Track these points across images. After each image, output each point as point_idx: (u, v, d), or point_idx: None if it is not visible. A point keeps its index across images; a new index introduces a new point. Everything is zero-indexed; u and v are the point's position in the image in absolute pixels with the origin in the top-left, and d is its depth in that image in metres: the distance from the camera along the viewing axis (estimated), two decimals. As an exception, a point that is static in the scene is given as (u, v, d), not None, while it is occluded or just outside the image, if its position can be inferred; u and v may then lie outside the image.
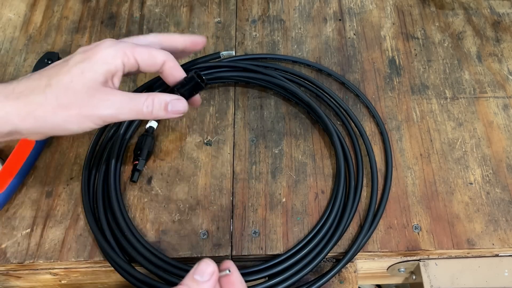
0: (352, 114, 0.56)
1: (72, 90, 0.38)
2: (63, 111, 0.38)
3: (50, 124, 0.38)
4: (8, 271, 0.50)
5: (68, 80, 0.38)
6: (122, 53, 0.40)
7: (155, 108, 0.41)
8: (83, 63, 0.39)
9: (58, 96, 0.38)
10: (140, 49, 0.41)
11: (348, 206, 0.49)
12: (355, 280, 0.49)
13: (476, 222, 0.50)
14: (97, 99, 0.39)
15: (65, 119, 0.38)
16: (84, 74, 0.38)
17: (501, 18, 0.66)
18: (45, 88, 0.38)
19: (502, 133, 0.56)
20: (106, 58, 0.39)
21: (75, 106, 0.38)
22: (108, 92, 0.39)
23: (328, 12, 0.67)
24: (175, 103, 0.42)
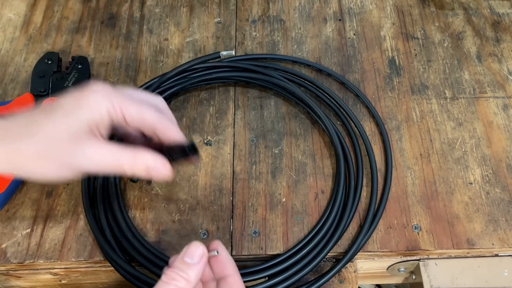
0: (352, 114, 0.56)
1: (55, 141, 0.36)
2: (42, 160, 0.37)
3: (26, 171, 0.38)
4: (8, 271, 0.50)
5: (52, 130, 0.36)
6: (109, 103, 0.37)
7: (137, 168, 0.39)
8: (70, 110, 0.37)
9: (39, 144, 0.36)
10: (129, 104, 0.38)
11: (348, 206, 0.50)
12: (355, 280, 0.49)
13: (476, 222, 0.50)
14: (79, 150, 0.37)
15: (43, 168, 0.37)
16: (68, 123, 0.37)
17: (501, 18, 0.66)
18: (26, 135, 0.36)
19: (502, 133, 0.56)
20: (92, 105, 0.37)
21: (55, 156, 0.37)
22: (91, 143, 0.37)
23: (328, 12, 0.67)
24: (158, 169, 0.40)
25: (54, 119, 0.37)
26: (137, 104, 0.39)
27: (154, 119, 0.39)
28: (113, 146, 0.38)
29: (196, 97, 0.59)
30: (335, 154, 0.53)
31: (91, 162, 0.37)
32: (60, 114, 0.37)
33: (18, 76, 0.61)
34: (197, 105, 0.58)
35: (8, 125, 0.37)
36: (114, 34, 0.65)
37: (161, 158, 0.40)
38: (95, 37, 0.65)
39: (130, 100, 0.39)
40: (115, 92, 0.38)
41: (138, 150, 0.39)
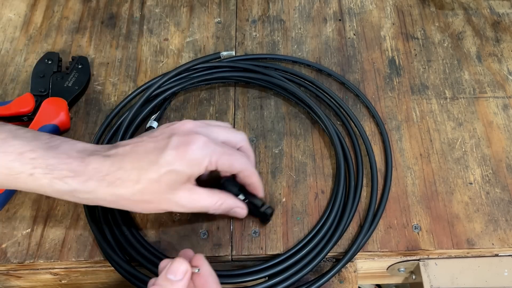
0: (352, 114, 0.56)
1: (157, 190, 0.40)
2: (143, 205, 0.41)
3: (126, 208, 0.42)
4: (8, 271, 0.50)
5: (155, 177, 0.40)
6: (209, 160, 0.41)
7: (220, 210, 0.44)
8: (173, 164, 0.40)
9: (144, 194, 0.40)
10: (225, 158, 0.42)
11: (348, 206, 0.50)
12: (355, 280, 0.49)
13: (476, 222, 0.50)
14: (175, 198, 0.41)
15: (143, 209, 0.42)
16: (171, 175, 0.40)
17: (501, 18, 0.66)
18: (134, 185, 0.40)
19: (502, 133, 0.56)
20: (195, 162, 0.41)
21: (155, 202, 0.41)
22: (186, 190, 0.42)
23: (328, 12, 0.67)
24: (237, 211, 0.46)
25: (159, 172, 0.40)
26: (231, 156, 0.43)
27: (241, 169, 0.44)
28: (203, 193, 0.43)
29: (196, 97, 0.59)
30: (335, 154, 0.53)
31: (184, 208, 0.42)
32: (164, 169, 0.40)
33: (18, 76, 0.61)
34: (197, 105, 0.58)
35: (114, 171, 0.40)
36: (114, 34, 0.65)
37: (240, 203, 0.46)
38: (95, 37, 0.65)
39: (226, 155, 0.42)
40: (215, 147, 0.42)
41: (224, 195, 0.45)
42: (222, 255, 0.48)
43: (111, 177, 0.40)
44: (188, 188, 0.42)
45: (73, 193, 0.40)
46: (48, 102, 0.55)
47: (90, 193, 0.40)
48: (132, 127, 0.55)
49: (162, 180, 0.40)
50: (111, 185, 0.40)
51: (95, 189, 0.39)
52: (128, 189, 0.40)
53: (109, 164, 0.40)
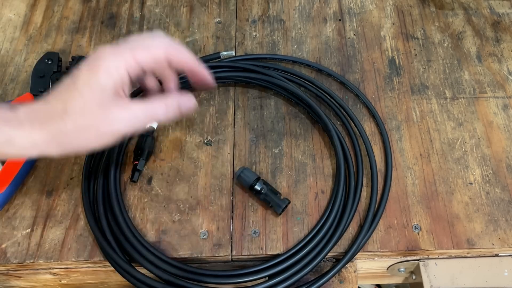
0: (352, 114, 0.56)
1: (87, 112, 0.39)
2: (83, 134, 0.39)
3: (73, 147, 0.40)
4: (8, 271, 0.50)
5: (81, 103, 0.39)
6: (123, 61, 0.40)
7: (170, 112, 0.43)
8: (90, 81, 0.39)
9: (76, 121, 0.39)
10: (141, 52, 0.40)
11: (348, 206, 0.50)
12: (355, 280, 0.49)
13: (476, 222, 0.50)
14: (113, 115, 0.40)
15: (86, 140, 0.40)
16: (94, 93, 0.39)
17: (501, 18, 0.66)
18: (63, 115, 0.39)
19: (502, 133, 0.56)
20: (110, 71, 0.39)
21: (93, 127, 0.39)
22: (121, 105, 0.40)
23: (328, 12, 0.67)
24: (185, 103, 0.44)
25: (81, 95, 0.39)
26: (143, 47, 0.41)
27: (165, 52, 0.42)
28: (141, 102, 0.41)
29: (196, 97, 0.59)
30: (335, 154, 0.53)
31: (128, 123, 0.40)
32: (84, 90, 0.39)
33: (18, 76, 0.61)
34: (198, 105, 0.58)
35: (41, 111, 0.39)
36: (114, 34, 0.65)
37: (185, 93, 0.44)
38: (95, 37, 0.65)
39: (138, 48, 0.40)
40: (123, 48, 0.40)
41: (165, 96, 0.44)
42: (222, 255, 0.48)
43: (41, 115, 0.39)
44: (122, 106, 0.40)
45: (11, 142, 0.38)
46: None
47: (27, 137, 0.39)
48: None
49: (87, 101, 0.39)
50: (43, 123, 0.39)
51: (30, 132, 0.39)
52: (59, 122, 0.39)
53: (37, 106, 0.40)
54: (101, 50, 0.40)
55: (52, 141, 0.39)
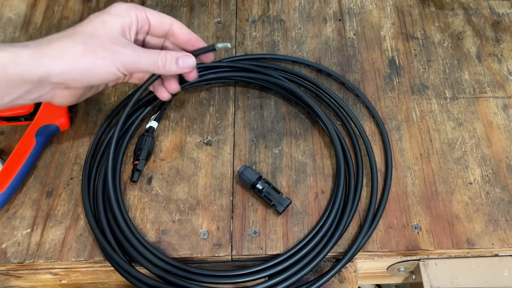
0: (352, 114, 0.56)
1: (96, 37, 0.42)
2: (91, 54, 0.41)
3: (79, 67, 0.41)
4: (8, 271, 0.50)
5: (91, 29, 0.42)
6: (134, 8, 0.45)
7: (168, 62, 0.45)
8: (102, 16, 0.43)
9: (85, 41, 0.41)
10: (150, 10, 0.46)
11: (348, 206, 0.50)
12: (355, 280, 0.49)
13: (475, 222, 0.50)
14: (119, 47, 0.42)
15: (93, 62, 0.41)
16: (105, 24, 0.42)
17: (501, 18, 0.66)
18: (73, 35, 0.41)
19: (502, 133, 0.56)
20: (121, 12, 0.44)
21: (100, 50, 0.42)
22: (126, 42, 0.43)
23: (328, 12, 0.67)
24: (185, 59, 0.47)
25: (91, 23, 0.42)
26: (156, 12, 0.47)
27: (172, 20, 0.47)
28: (144, 49, 0.45)
29: (196, 97, 0.59)
30: (335, 154, 0.53)
31: (131, 56, 0.43)
32: (95, 20, 0.43)
33: (18, 76, 0.61)
34: (197, 105, 0.58)
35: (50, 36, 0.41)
36: (114, 34, 0.65)
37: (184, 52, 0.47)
38: (95, 37, 0.65)
39: (149, 10, 0.46)
40: (136, 4, 0.46)
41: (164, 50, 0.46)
42: (222, 255, 0.48)
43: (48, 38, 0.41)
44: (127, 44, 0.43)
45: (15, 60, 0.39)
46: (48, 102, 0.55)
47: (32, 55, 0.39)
48: (132, 127, 0.55)
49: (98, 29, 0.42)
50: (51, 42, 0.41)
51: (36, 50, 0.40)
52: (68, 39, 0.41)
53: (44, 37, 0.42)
54: (117, 2, 0.45)
55: (58, 58, 0.40)
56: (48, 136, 0.54)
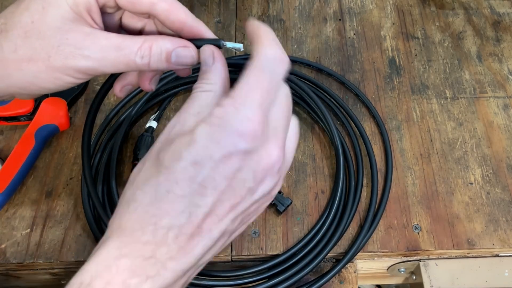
0: (352, 114, 0.55)
1: (33, 35, 0.29)
2: (27, 65, 0.29)
3: (17, 82, 0.30)
4: (7, 271, 0.50)
5: (26, 20, 0.29)
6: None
7: (153, 58, 0.31)
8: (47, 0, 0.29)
9: (18, 46, 0.29)
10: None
11: (348, 206, 0.49)
12: (355, 280, 0.49)
13: (476, 222, 0.50)
14: (69, 46, 0.29)
15: (34, 75, 0.30)
16: (45, 11, 0.29)
17: (501, 18, 0.66)
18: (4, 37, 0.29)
19: (502, 133, 0.56)
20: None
21: (41, 57, 0.29)
22: (84, 33, 0.30)
23: (328, 12, 0.67)
24: (180, 52, 0.32)
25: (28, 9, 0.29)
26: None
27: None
28: (117, 35, 0.30)
29: (196, 97, 0.59)
30: (335, 154, 0.53)
31: (90, 60, 0.30)
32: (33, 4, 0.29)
33: (18, 76, 0.61)
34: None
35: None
36: (114, 34, 0.65)
37: (180, 40, 0.32)
38: (94, 37, 0.65)
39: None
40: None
41: (151, 36, 0.31)
42: (222, 255, 0.48)
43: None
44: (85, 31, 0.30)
45: None
46: (48, 102, 0.55)
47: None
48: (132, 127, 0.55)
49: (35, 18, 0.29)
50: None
51: None
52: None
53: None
54: None
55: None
56: (48, 136, 0.54)
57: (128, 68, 0.31)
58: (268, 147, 0.27)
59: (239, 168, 0.26)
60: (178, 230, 0.25)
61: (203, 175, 0.25)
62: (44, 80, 0.30)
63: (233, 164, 0.26)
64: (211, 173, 0.26)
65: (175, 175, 0.26)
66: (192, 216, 0.26)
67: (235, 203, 0.27)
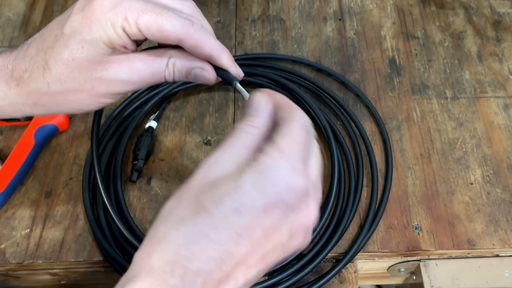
0: (352, 114, 0.55)
1: (76, 71, 0.32)
2: (73, 95, 0.33)
3: (64, 108, 0.34)
4: (7, 272, 0.50)
5: (67, 57, 0.32)
6: (123, 17, 0.31)
7: (176, 74, 0.34)
8: (82, 34, 0.32)
9: (62, 81, 0.32)
10: (148, 16, 0.31)
11: (348, 206, 0.49)
12: (355, 281, 0.48)
13: (476, 222, 0.50)
14: (109, 75, 0.33)
15: (79, 102, 0.34)
16: (85, 49, 0.32)
17: (502, 18, 0.65)
18: (45, 73, 0.32)
19: (503, 133, 0.55)
20: (105, 27, 0.31)
21: (85, 88, 0.33)
22: (121, 60, 0.33)
23: (328, 12, 0.66)
24: (197, 72, 0.35)
25: (67, 46, 0.32)
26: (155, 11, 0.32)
27: (177, 30, 0.32)
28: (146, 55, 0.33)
29: (196, 97, 0.59)
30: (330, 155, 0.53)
31: (129, 85, 0.34)
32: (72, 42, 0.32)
33: (17, 76, 0.61)
34: (197, 105, 0.58)
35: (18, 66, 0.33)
36: (114, 33, 0.65)
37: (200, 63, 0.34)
38: (94, 37, 0.65)
39: (149, 12, 0.31)
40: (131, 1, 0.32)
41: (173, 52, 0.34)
42: (221, 255, 0.48)
43: (17, 72, 0.33)
44: (121, 59, 0.33)
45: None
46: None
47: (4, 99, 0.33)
48: (132, 127, 0.55)
49: (76, 56, 0.32)
50: (20, 82, 0.33)
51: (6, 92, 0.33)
52: (39, 80, 0.32)
53: (13, 57, 0.33)
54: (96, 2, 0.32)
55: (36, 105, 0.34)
56: (47, 136, 0.54)
57: (158, 82, 0.35)
58: (309, 203, 0.27)
59: (279, 221, 0.26)
60: (207, 276, 0.25)
61: (242, 224, 0.25)
62: (89, 105, 0.34)
63: (274, 216, 0.26)
64: (251, 223, 0.26)
65: (214, 220, 0.25)
66: (223, 263, 0.25)
67: (265, 254, 0.27)
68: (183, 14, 0.33)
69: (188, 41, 0.33)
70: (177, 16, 0.32)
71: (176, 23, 0.32)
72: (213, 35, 0.35)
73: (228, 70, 0.35)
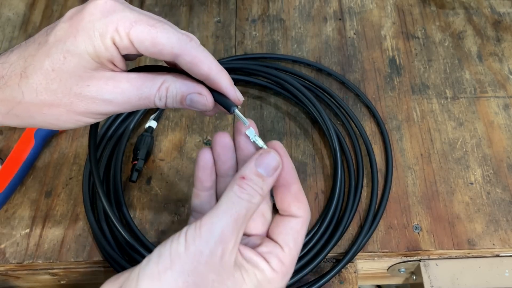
0: (352, 114, 0.55)
1: (55, 83, 0.29)
2: (49, 109, 0.30)
3: (39, 122, 0.31)
4: (7, 272, 0.50)
5: (47, 67, 0.29)
6: (114, 27, 0.29)
7: (169, 100, 0.32)
8: (65, 43, 0.29)
9: (38, 92, 0.29)
10: (142, 28, 0.29)
11: (348, 206, 0.49)
12: (355, 281, 0.48)
13: (476, 222, 0.50)
14: (91, 92, 0.30)
15: (55, 117, 0.31)
16: (67, 60, 0.29)
17: (502, 18, 0.65)
18: (21, 81, 0.29)
19: (503, 133, 0.55)
20: (92, 37, 0.29)
21: (62, 103, 0.30)
22: (106, 78, 0.30)
23: (328, 12, 0.66)
24: (194, 98, 0.32)
25: (49, 56, 0.29)
26: (149, 23, 0.29)
27: (173, 44, 0.29)
28: (137, 77, 0.31)
29: (196, 96, 0.59)
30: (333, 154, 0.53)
31: (112, 106, 0.30)
32: (55, 50, 0.29)
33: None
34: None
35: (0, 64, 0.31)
36: (114, 33, 0.65)
37: (196, 86, 0.32)
38: (94, 37, 0.64)
39: (143, 24, 0.29)
40: (122, 7, 0.29)
41: (169, 77, 0.31)
42: (221, 255, 0.48)
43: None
44: (106, 77, 0.30)
45: None
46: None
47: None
48: (131, 127, 0.55)
49: (56, 67, 0.29)
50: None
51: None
52: (14, 88, 0.29)
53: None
54: (94, 4, 0.29)
55: (9, 115, 0.31)
56: (47, 136, 0.54)
57: (146, 107, 0.32)
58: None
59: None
60: None
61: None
62: (65, 122, 0.31)
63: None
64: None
65: None
66: None
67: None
68: (180, 30, 0.31)
69: (184, 56, 0.30)
70: (174, 29, 0.30)
71: (172, 36, 0.30)
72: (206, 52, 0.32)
73: (227, 93, 0.32)
